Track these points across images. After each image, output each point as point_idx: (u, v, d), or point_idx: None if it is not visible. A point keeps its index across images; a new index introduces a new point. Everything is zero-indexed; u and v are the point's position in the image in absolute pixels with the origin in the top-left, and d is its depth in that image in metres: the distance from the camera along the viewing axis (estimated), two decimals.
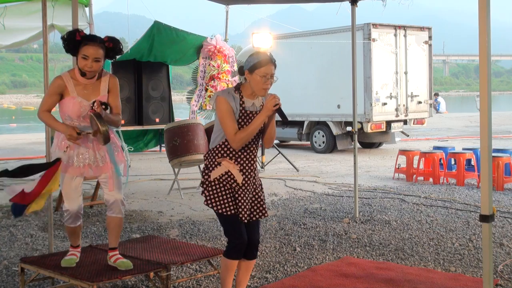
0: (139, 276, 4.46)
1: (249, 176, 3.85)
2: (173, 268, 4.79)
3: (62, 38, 4.06)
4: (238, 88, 3.83)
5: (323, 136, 14.57)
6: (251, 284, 4.69)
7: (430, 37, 14.68)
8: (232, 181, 3.79)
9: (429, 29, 14.80)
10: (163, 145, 13.03)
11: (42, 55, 5.36)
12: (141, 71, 13.31)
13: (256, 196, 3.91)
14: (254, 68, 3.72)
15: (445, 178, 9.75)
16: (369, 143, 15.19)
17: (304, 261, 5.34)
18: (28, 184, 4.16)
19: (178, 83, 64.90)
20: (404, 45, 14.12)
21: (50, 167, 4.11)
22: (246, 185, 3.83)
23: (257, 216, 3.91)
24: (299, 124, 15.09)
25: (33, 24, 8.54)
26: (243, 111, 3.78)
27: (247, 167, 3.83)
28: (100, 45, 3.99)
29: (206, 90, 11.31)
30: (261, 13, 14.92)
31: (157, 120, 13.59)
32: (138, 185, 9.84)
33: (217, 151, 3.82)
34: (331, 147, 14.46)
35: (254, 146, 3.87)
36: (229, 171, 3.78)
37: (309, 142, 15.24)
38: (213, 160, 3.82)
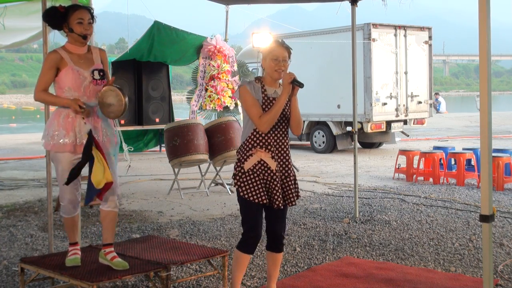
0: (139, 276, 4.46)
1: (281, 163, 3.95)
2: (173, 268, 4.78)
3: (44, 16, 4.15)
4: (259, 78, 3.99)
5: (323, 136, 14.57)
6: (251, 284, 4.70)
7: (430, 37, 14.68)
8: (266, 169, 3.88)
9: (429, 29, 14.80)
10: (163, 145, 13.03)
11: (42, 55, 5.36)
12: (141, 71, 13.31)
13: (286, 184, 3.98)
14: (267, 54, 3.92)
15: (445, 178, 9.75)
16: (369, 143, 15.19)
17: (304, 261, 5.34)
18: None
19: (178, 83, 64.94)
20: (404, 45, 14.11)
21: (91, 144, 3.96)
22: (278, 172, 3.92)
23: (289, 204, 3.99)
24: None
25: (33, 24, 8.53)
26: (265, 98, 3.92)
27: (278, 154, 3.93)
28: (87, 10, 4.14)
29: (206, 90, 11.29)
30: (261, 13, 14.92)
31: (157, 120, 13.60)
32: (138, 185, 9.84)
33: (247, 143, 3.93)
34: (331, 147, 14.46)
35: (283, 132, 3.96)
36: (261, 159, 3.88)
37: (309, 142, 15.24)
38: (245, 152, 3.93)
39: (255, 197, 3.86)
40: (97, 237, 6.22)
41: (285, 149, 3.97)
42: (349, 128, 14.11)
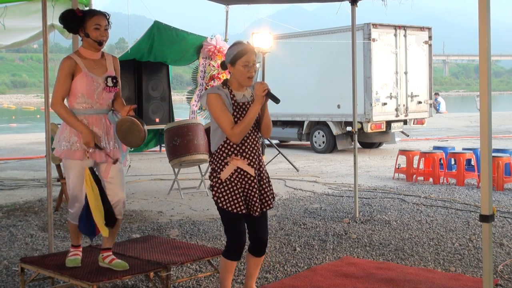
0: (139, 276, 4.45)
1: (257, 168, 3.86)
2: (173, 268, 4.78)
3: (61, 18, 4.09)
4: (225, 83, 3.85)
5: (323, 136, 14.56)
6: None
7: (430, 37, 14.68)
8: (243, 176, 3.79)
9: (429, 29, 14.80)
10: (163, 145, 13.03)
11: (42, 55, 5.37)
12: (141, 71, 13.31)
13: (262, 188, 3.90)
14: (235, 59, 3.75)
15: (445, 178, 9.75)
16: (369, 143, 15.19)
17: (304, 261, 5.34)
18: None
19: (178, 83, 64.88)
20: (404, 45, 14.12)
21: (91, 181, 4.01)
22: (256, 177, 3.85)
23: (265, 208, 3.90)
24: (299, 124, 15.09)
25: (33, 24, 8.54)
26: (235, 104, 3.79)
27: (253, 159, 3.84)
28: (104, 16, 4.12)
29: (206, 90, 11.31)
30: (261, 13, 14.94)
31: (157, 120, 13.60)
32: (138, 185, 9.84)
33: (221, 152, 3.81)
34: (331, 147, 14.46)
35: (255, 137, 3.87)
36: (238, 167, 3.78)
37: (309, 142, 15.24)
38: (219, 162, 3.81)
39: (233, 207, 3.76)
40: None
41: (258, 153, 3.87)
42: (349, 128, 14.11)
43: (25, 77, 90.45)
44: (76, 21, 4.05)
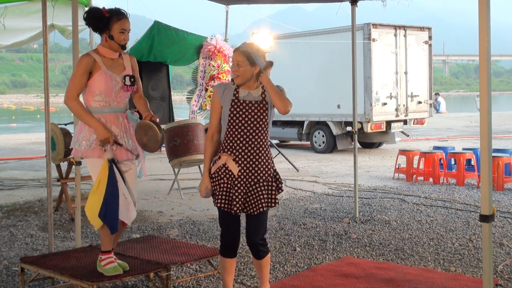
0: (139, 276, 4.45)
1: (246, 169, 3.82)
2: (173, 268, 4.79)
3: (89, 17, 4.00)
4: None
5: (323, 136, 14.57)
6: (251, 284, 4.70)
7: (430, 37, 14.69)
8: (229, 172, 3.83)
9: (429, 29, 14.80)
10: (163, 145, 13.03)
11: (42, 55, 5.37)
12: (141, 71, 13.23)
13: (254, 191, 3.84)
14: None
15: (445, 178, 9.75)
16: (369, 143, 15.19)
17: (304, 261, 5.34)
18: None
19: (178, 83, 64.87)
20: (404, 45, 14.12)
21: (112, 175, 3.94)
22: (242, 177, 3.83)
23: (250, 211, 3.85)
24: (299, 124, 15.09)
25: (33, 24, 8.54)
26: (235, 101, 3.83)
27: (243, 159, 3.82)
28: (127, 17, 4.10)
29: (206, 90, 11.30)
30: (261, 13, 14.93)
31: (157, 120, 13.57)
32: (138, 185, 9.76)
33: (221, 147, 3.91)
34: (331, 147, 14.46)
35: (252, 137, 3.82)
36: (225, 163, 3.84)
37: (309, 142, 15.25)
38: (217, 155, 3.93)
39: (216, 201, 3.84)
40: (97, 237, 6.22)
41: (254, 154, 3.81)
42: (349, 128, 14.11)
43: (25, 77, 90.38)
44: (104, 21, 3.99)
